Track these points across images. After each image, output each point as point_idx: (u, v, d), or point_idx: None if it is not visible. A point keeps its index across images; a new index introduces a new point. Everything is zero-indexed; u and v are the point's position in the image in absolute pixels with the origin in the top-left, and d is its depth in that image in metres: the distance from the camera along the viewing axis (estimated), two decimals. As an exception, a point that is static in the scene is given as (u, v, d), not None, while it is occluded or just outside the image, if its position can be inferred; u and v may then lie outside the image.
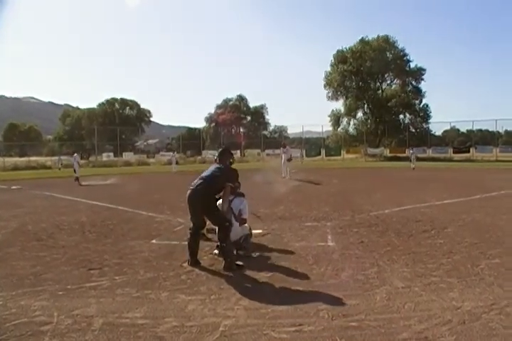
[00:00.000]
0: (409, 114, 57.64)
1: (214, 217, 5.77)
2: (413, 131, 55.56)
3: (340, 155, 50.85)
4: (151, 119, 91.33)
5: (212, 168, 6.10)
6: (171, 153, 37.33)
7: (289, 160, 22.51)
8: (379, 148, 52.23)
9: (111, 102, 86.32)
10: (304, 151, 46.94)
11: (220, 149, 6.47)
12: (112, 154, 54.27)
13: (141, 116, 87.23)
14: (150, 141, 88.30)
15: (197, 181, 5.88)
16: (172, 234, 8.12)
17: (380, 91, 58.83)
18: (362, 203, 11.95)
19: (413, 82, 57.41)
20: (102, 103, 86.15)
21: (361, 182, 20.01)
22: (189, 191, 5.79)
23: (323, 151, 51.98)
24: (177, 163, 32.56)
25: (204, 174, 6.05)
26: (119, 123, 73.94)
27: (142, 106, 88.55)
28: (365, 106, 58.72)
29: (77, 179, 22.62)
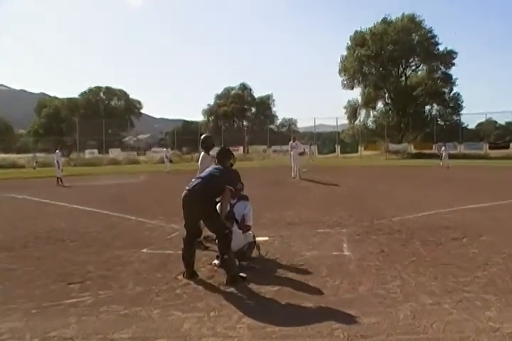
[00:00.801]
0: (438, 105, 57.47)
1: (212, 223, 5.76)
2: (442, 123, 55.33)
3: (357, 151, 50.78)
4: (142, 111, 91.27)
5: (211, 168, 6.15)
6: (164, 150, 37.18)
7: (301, 154, 22.45)
8: (402, 143, 52.14)
9: (95, 91, 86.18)
10: (315, 147, 46.77)
11: (219, 149, 6.38)
12: (96, 151, 54.26)
13: (131, 108, 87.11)
14: (140, 136, 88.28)
15: (194, 181, 5.88)
16: (166, 242, 8.10)
17: (404, 78, 58.50)
18: (382, 207, 11.94)
19: (442, 68, 56.94)
20: (85, 92, 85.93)
21: (381, 182, 19.98)
22: (184, 192, 5.78)
23: (337, 148, 51.97)
24: (171, 161, 32.55)
25: (202, 174, 6.11)
26: (105, 116, 73.85)
27: (132, 96, 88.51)
28: (386, 95, 58.45)
29: (58, 180, 22.45)
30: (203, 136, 8.03)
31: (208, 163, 7.30)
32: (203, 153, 7.89)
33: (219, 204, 6.01)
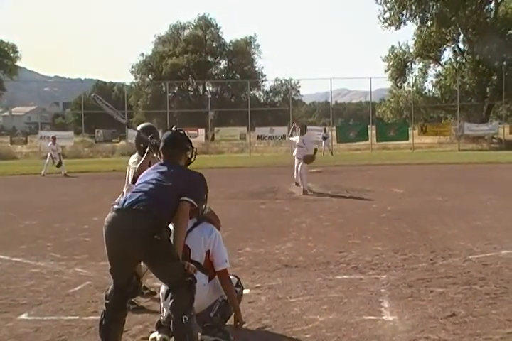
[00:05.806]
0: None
1: (165, 268, 3.87)
2: None
3: (406, 138, 35.86)
4: (20, 65, 59.19)
5: (155, 171, 4.10)
6: (49, 144, 22.95)
7: (309, 159, 13.75)
8: (488, 123, 37.06)
9: None
10: (333, 132, 34.87)
11: (167, 135, 4.31)
12: None
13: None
14: (18, 109, 65.61)
15: (131, 195, 3.90)
16: (64, 300, 5.66)
17: (493, 5, 38.49)
18: (450, 235, 8.58)
19: None
20: None
21: (449, 193, 14.43)
22: (112, 214, 3.79)
23: (371, 131, 36.59)
24: (60, 161, 21.42)
25: (142, 182, 4.05)
26: None
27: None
28: (461, 37, 40.05)
29: None
30: (140, 126, 5.58)
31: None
32: (137, 156, 5.58)
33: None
